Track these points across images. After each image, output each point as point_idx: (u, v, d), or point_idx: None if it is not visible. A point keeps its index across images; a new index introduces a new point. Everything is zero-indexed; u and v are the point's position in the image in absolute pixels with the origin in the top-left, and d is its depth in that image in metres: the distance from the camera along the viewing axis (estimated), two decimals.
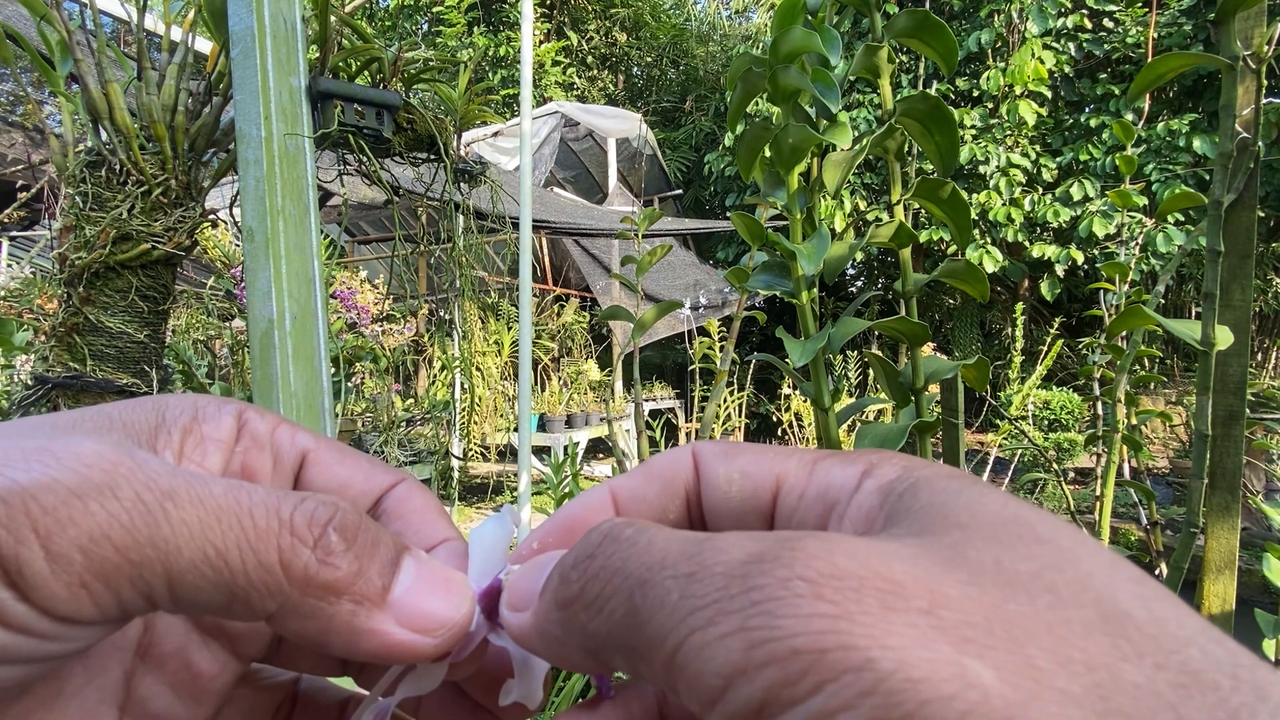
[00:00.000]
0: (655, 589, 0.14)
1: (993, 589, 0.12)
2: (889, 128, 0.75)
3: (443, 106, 1.90)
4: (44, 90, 4.13)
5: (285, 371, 1.11)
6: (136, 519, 0.16)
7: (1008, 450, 6.27)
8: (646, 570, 0.14)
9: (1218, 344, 0.78)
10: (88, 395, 1.84)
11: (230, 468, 0.22)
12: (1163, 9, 8.37)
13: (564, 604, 0.16)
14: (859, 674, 0.11)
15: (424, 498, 0.24)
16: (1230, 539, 0.93)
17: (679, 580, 0.14)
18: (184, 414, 0.21)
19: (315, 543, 0.17)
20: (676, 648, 0.13)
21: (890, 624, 0.11)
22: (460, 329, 2.02)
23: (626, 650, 0.14)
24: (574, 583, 0.16)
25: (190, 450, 0.21)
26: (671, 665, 0.13)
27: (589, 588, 0.15)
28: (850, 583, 0.12)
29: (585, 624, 0.15)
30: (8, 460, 0.15)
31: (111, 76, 1.61)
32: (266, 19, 1.12)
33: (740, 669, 0.12)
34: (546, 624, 0.17)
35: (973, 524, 0.14)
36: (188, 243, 1.85)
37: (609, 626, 0.15)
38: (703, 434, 2.03)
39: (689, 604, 0.13)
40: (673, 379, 10.28)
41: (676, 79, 14.82)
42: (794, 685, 0.11)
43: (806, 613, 0.12)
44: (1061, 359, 8.36)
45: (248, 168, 1.13)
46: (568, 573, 0.16)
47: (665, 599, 0.14)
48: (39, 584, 0.15)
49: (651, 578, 0.14)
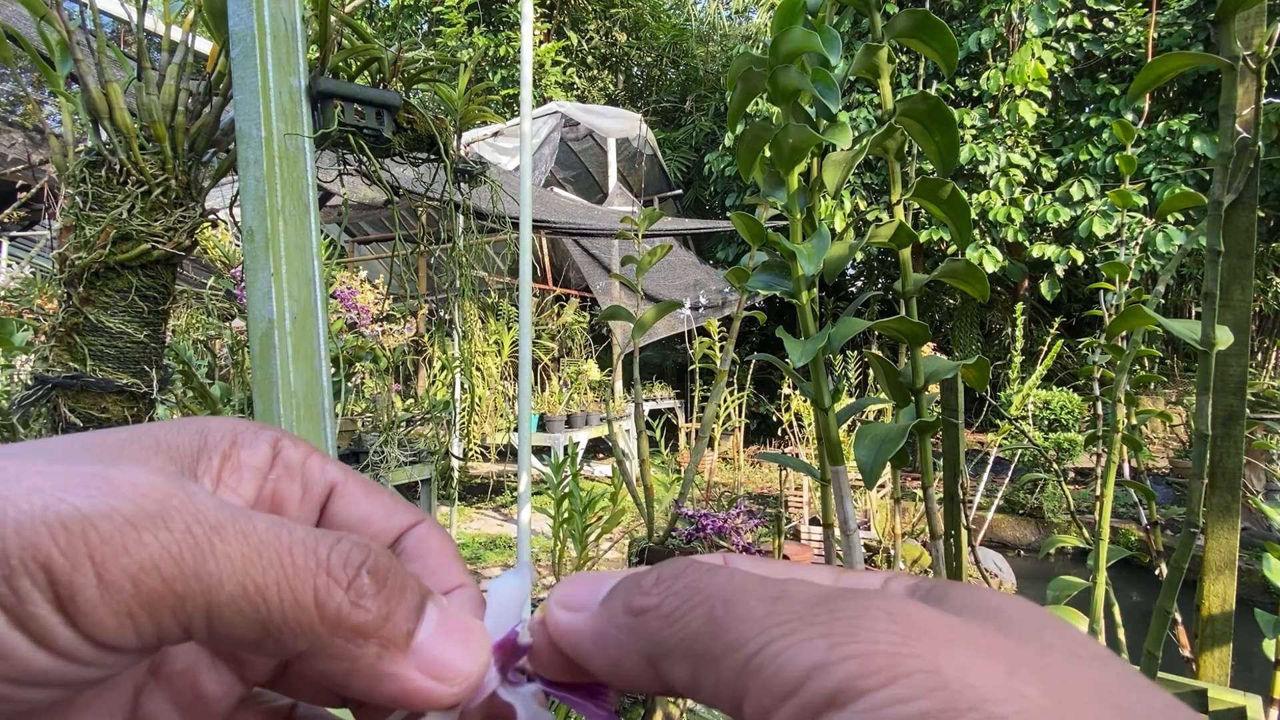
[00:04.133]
0: (739, 606, 0.16)
1: (1032, 645, 0.15)
2: (889, 128, 0.75)
3: (443, 106, 1.90)
4: (44, 90, 4.13)
5: (285, 371, 1.11)
6: (185, 551, 0.16)
7: (1008, 450, 6.27)
8: (731, 592, 0.16)
9: (1218, 344, 0.78)
10: (88, 395, 1.83)
11: (262, 495, 0.22)
12: (1163, 9, 8.37)
13: (637, 611, 0.17)
14: (929, 675, 0.13)
15: (442, 540, 0.24)
16: (1230, 539, 0.93)
17: (764, 601, 0.16)
18: (224, 439, 0.22)
19: (349, 584, 0.18)
20: (756, 651, 0.15)
21: (953, 650, 0.14)
22: (460, 329, 2.02)
23: (695, 656, 0.16)
24: (653, 595, 0.17)
25: (228, 476, 0.21)
26: (747, 667, 0.15)
27: (669, 601, 0.17)
28: (920, 620, 0.14)
29: (656, 632, 0.17)
30: (67, 486, 0.16)
31: (111, 76, 1.61)
32: (266, 19, 1.12)
33: (820, 664, 0.14)
34: (608, 626, 0.18)
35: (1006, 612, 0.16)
36: (188, 243, 1.85)
37: (682, 635, 0.16)
38: (703, 434, 2.03)
39: (773, 618, 0.15)
40: (673, 379, 10.29)
41: (676, 79, 14.82)
42: (870, 677, 0.13)
43: (885, 628, 0.14)
44: (1061, 359, 8.36)
45: (248, 168, 1.13)
46: (647, 587, 0.18)
47: (749, 614, 0.15)
48: (89, 610, 0.15)
49: (735, 597, 0.16)
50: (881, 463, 0.73)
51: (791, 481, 5.31)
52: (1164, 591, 0.90)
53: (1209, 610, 1.00)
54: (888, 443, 0.75)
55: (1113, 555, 1.07)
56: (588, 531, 2.89)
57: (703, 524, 2.07)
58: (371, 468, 3.12)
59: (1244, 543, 1.20)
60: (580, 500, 2.86)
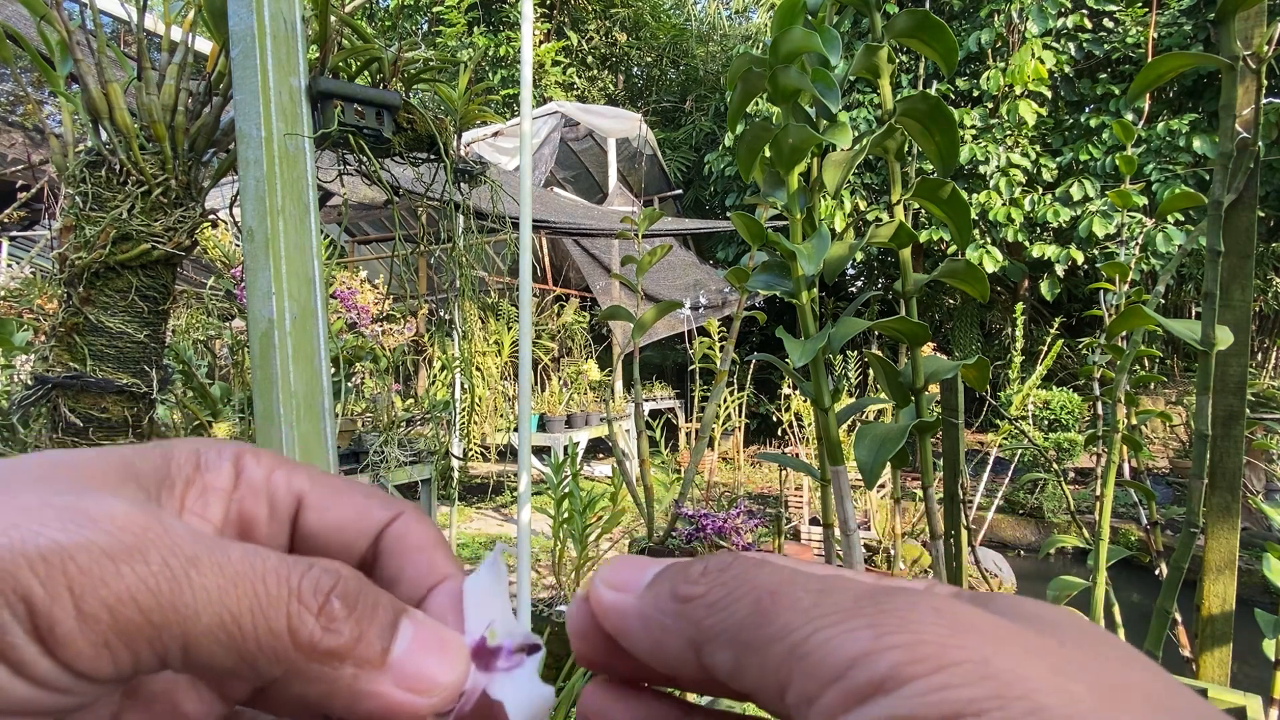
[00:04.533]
0: (786, 596, 0.16)
1: (1080, 649, 0.15)
2: (889, 128, 0.75)
3: (443, 106, 1.90)
4: (44, 90, 4.13)
5: (285, 371, 1.11)
6: (162, 583, 0.16)
7: (1008, 450, 6.27)
8: (777, 584, 0.17)
9: (1218, 344, 0.78)
10: (88, 395, 1.83)
11: (229, 516, 0.22)
12: (1163, 9, 8.37)
13: (684, 599, 0.18)
14: (977, 665, 0.13)
15: (423, 532, 0.24)
16: (1230, 539, 0.93)
17: (810, 593, 0.16)
18: (188, 464, 0.22)
19: (320, 610, 0.18)
20: (803, 639, 0.15)
21: (1001, 645, 0.14)
22: (460, 329, 2.02)
23: (739, 644, 0.17)
24: (699, 584, 0.18)
25: (192, 501, 0.22)
26: (793, 654, 0.15)
27: (715, 591, 0.18)
28: (966, 617, 0.15)
29: (701, 619, 0.18)
30: (46, 520, 0.16)
31: (111, 76, 1.61)
32: (266, 19, 1.12)
33: (866, 652, 0.14)
34: (653, 610, 0.19)
35: (1050, 617, 0.17)
36: (188, 243, 1.85)
37: (728, 624, 0.17)
38: (703, 434, 2.03)
39: (820, 609, 0.16)
40: (673, 379, 10.28)
41: (676, 79, 14.82)
42: (916, 664, 0.13)
43: (932, 621, 0.14)
44: (1061, 359, 8.36)
45: (248, 168, 1.13)
46: (695, 576, 0.19)
47: (796, 604, 0.16)
48: (67, 641, 0.16)
49: (782, 589, 0.17)
50: (881, 463, 0.73)
51: (791, 481, 5.31)
52: (1164, 591, 0.90)
53: (1209, 610, 1.00)
54: (888, 443, 0.75)
55: (1113, 555, 1.07)
56: (588, 531, 2.89)
57: (703, 524, 2.07)
58: (371, 468, 3.12)
59: (1244, 543, 1.20)
60: (580, 500, 2.86)
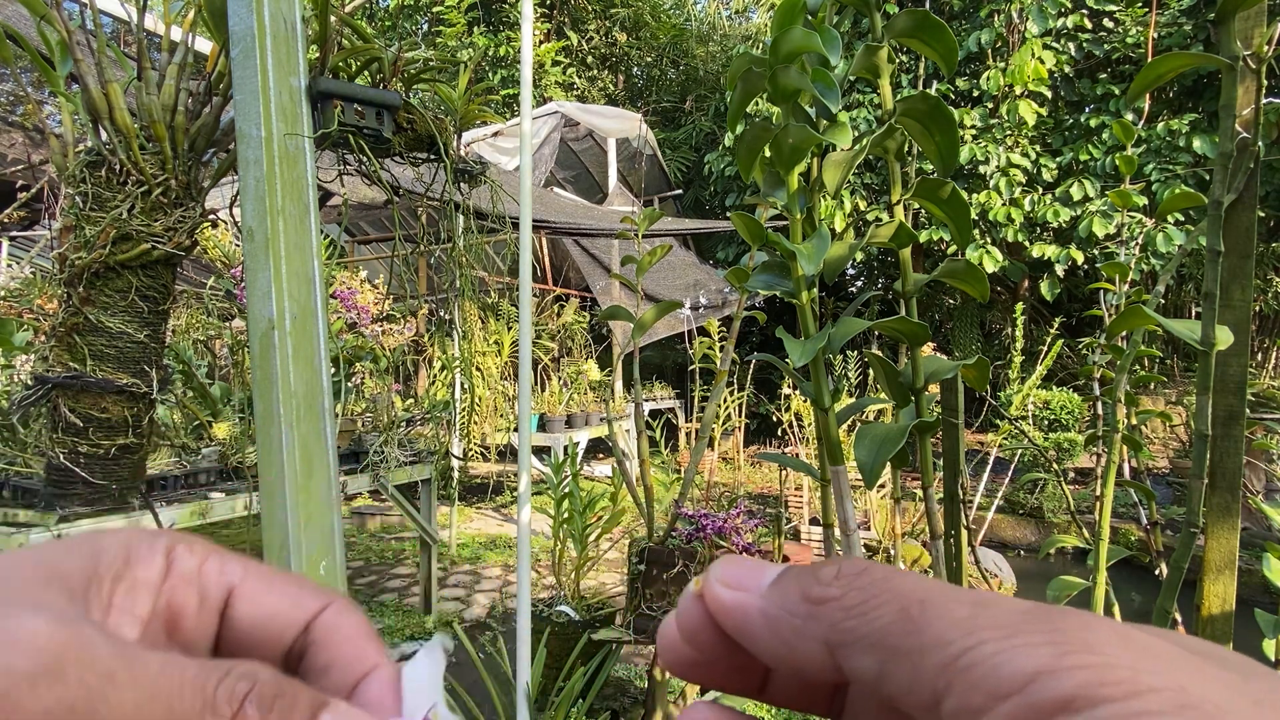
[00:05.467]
0: (939, 606, 0.16)
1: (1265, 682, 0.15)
2: (889, 128, 0.75)
3: (443, 106, 1.90)
4: (44, 90, 4.13)
5: (285, 371, 1.11)
6: (79, 703, 0.17)
7: (1008, 450, 6.27)
8: (925, 592, 0.17)
9: (1218, 344, 0.78)
10: (87, 395, 1.83)
11: (158, 608, 0.22)
12: (1163, 9, 8.37)
13: (818, 600, 0.18)
14: (1175, 692, 0.13)
15: (353, 623, 0.24)
16: (1230, 539, 0.93)
17: (965, 605, 0.16)
18: (117, 559, 0.22)
19: (233, 717, 0.18)
20: (964, 651, 0.15)
21: (1194, 676, 0.14)
22: (460, 329, 2.02)
23: (885, 649, 0.17)
24: (834, 587, 0.18)
25: (120, 598, 0.22)
26: (954, 665, 0.15)
27: (853, 595, 0.18)
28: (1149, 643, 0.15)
29: (839, 622, 0.18)
30: None
31: (111, 76, 1.61)
32: (266, 19, 1.12)
33: (1048, 669, 0.14)
34: (780, 611, 0.19)
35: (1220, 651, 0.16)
36: (188, 243, 1.85)
37: (871, 628, 0.17)
38: (703, 434, 2.03)
39: (981, 621, 0.16)
40: (673, 379, 10.28)
41: (676, 79, 14.82)
42: (1109, 686, 0.13)
43: (1115, 644, 0.14)
44: (1061, 359, 8.36)
45: (248, 168, 1.13)
46: (827, 579, 0.19)
47: (952, 614, 0.16)
48: None
49: (933, 598, 0.17)
50: (881, 463, 0.73)
51: (791, 481, 5.31)
52: (1164, 591, 0.90)
53: (1209, 610, 1.00)
54: (888, 443, 0.75)
55: (1113, 555, 1.07)
56: (588, 531, 2.89)
57: (703, 524, 2.07)
58: (371, 468, 3.12)
59: (1244, 543, 1.21)
60: (580, 500, 2.86)
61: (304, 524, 1.11)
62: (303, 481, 1.12)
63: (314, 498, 1.13)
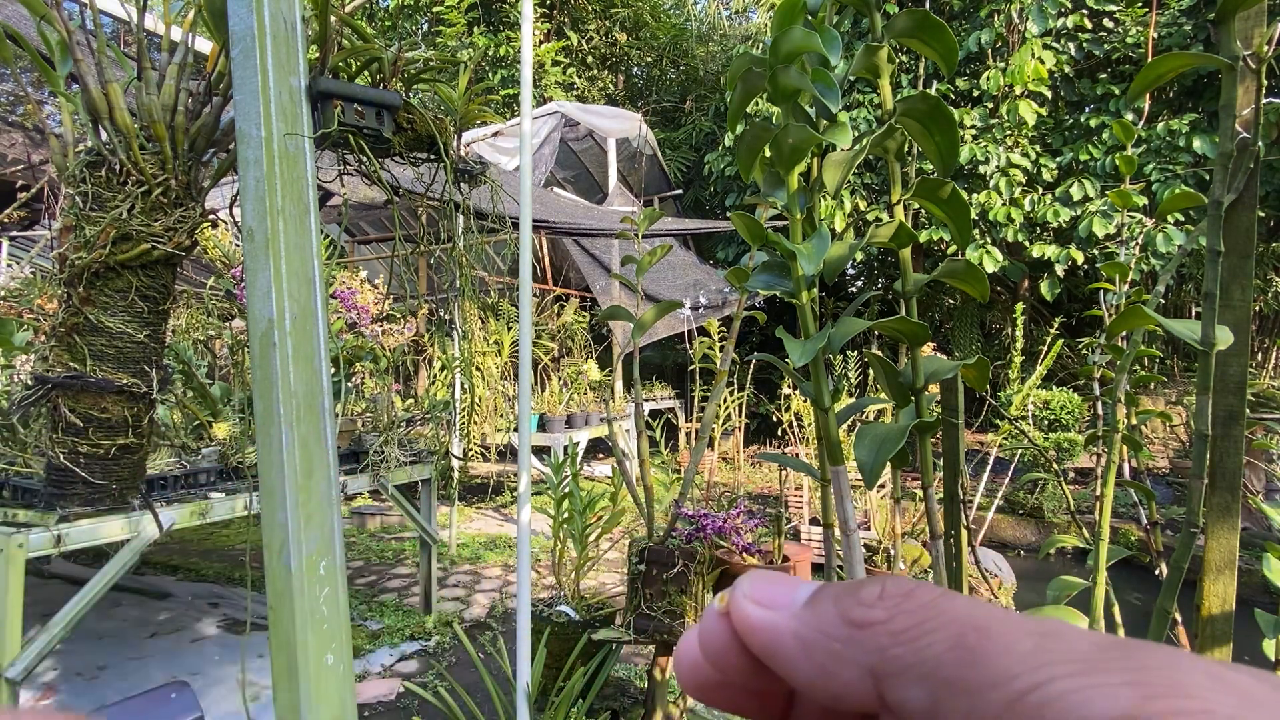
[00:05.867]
0: (999, 636, 0.15)
1: None
2: (889, 128, 0.75)
3: (443, 106, 1.90)
4: (44, 90, 4.13)
5: (285, 371, 1.11)
6: None
7: (1008, 450, 6.27)
8: (983, 620, 0.16)
9: (1218, 344, 0.78)
10: (87, 395, 1.83)
11: None
12: (1163, 9, 8.37)
13: (860, 624, 0.17)
14: None
15: None
16: (1230, 539, 0.93)
17: (1031, 635, 0.15)
18: None
19: None
20: (1032, 687, 0.14)
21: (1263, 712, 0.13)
22: (460, 329, 2.02)
23: (938, 681, 0.15)
24: (877, 609, 0.17)
25: None
26: (1021, 702, 0.14)
27: (901, 619, 0.17)
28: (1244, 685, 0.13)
29: (885, 648, 0.16)
30: None
31: (111, 76, 1.61)
32: (266, 19, 1.12)
33: (1130, 715, 0.13)
34: (816, 633, 0.18)
35: None
36: (188, 243, 1.85)
37: (922, 657, 0.16)
38: (703, 434, 2.03)
39: (1050, 654, 0.14)
40: (673, 379, 10.28)
41: (676, 79, 14.82)
42: None
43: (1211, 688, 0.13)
44: (1061, 359, 8.36)
45: (248, 168, 1.13)
46: (870, 599, 0.18)
47: (1014, 646, 0.15)
48: None
49: (992, 626, 0.15)
50: (881, 463, 0.73)
51: (791, 481, 5.31)
52: (1164, 591, 0.90)
53: (1209, 610, 1.00)
54: (888, 443, 0.75)
55: (1113, 555, 1.07)
56: (588, 531, 2.89)
57: (703, 524, 2.07)
58: (371, 468, 3.12)
59: (1244, 543, 1.21)
60: (580, 500, 2.86)
61: (304, 524, 1.11)
62: (303, 481, 1.12)
63: (314, 498, 1.13)
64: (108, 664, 2.97)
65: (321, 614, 1.12)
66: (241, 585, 4.04)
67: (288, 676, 1.09)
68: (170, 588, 4.01)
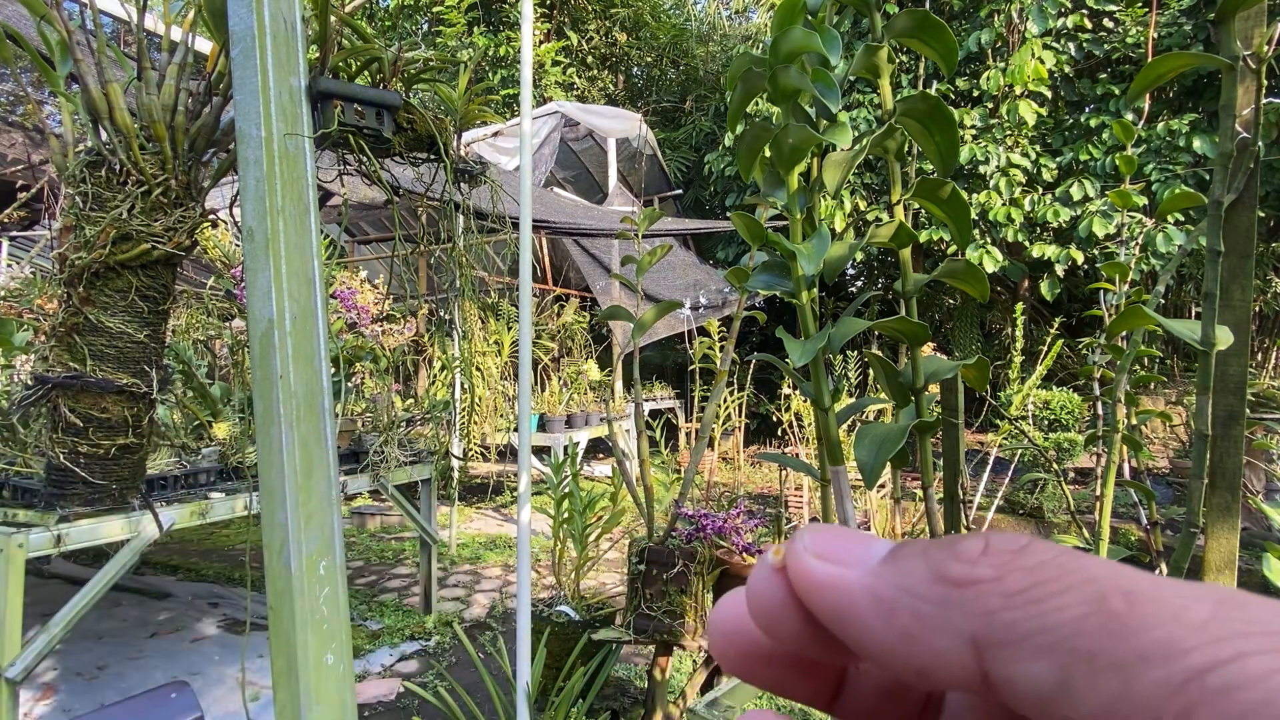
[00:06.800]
0: (1155, 603, 0.12)
1: None
2: (889, 128, 0.75)
3: (443, 106, 1.90)
4: (44, 90, 4.13)
5: (285, 371, 1.11)
6: None
7: (1008, 450, 6.27)
8: (1130, 581, 0.13)
9: (1218, 344, 0.78)
10: (87, 395, 1.83)
11: None
12: (1163, 9, 8.37)
13: (959, 582, 0.14)
14: None
15: None
16: (1230, 539, 0.93)
17: (1205, 600, 0.12)
18: None
19: None
20: (1212, 664, 0.11)
21: None
22: (460, 329, 2.02)
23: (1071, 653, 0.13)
24: (983, 565, 0.14)
25: None
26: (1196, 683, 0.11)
27: (1016, 578, 0.14)
28: None
29: (995, 611, 0.14)
30: None
31: (111, 76, 1.61)
32: (266, 19, 1.12)
33: None
34: (899, 592, 0.15)
35: None
36: (188, 243, 1.85)
37: (1047, 623, 0.13)
38: (703, 434, 2.03)
39: (1237, 625, 0.12)
40: (673, 379, 10.28)
41: (676, 79, 14.82)
42: None
43: None
44: (1061, 359, 8.36)
45: (248, 168, 1.13)
46: (972, 555, 0.15)
47: (1182, 614, 0.12)
48: None
49: (1143, 589, 0.13)
50: (881, 463, 0.73)
51: (791, 481, 5.31)
52: None
53: None
54: (888, 443, 0.75)
55: (1113, 555, 1.07)
56: (588, 531, 2.89)
57: (703, 524, 2.06)
58: (371, 468, 3.12)
59: (1244, 543, 1.21)
60: (580, 500, 2.86)
61: (304, 524, 1.11)
62: (303, 481, 1.12)
63: (314, 498, 1.13)
64: (108, 664, 2.97)
65: (321, 614, 1.12)
66: (241, 585, 4.04)
67: (287, 676, 1.09)
68: (170, 588, 4.01)
